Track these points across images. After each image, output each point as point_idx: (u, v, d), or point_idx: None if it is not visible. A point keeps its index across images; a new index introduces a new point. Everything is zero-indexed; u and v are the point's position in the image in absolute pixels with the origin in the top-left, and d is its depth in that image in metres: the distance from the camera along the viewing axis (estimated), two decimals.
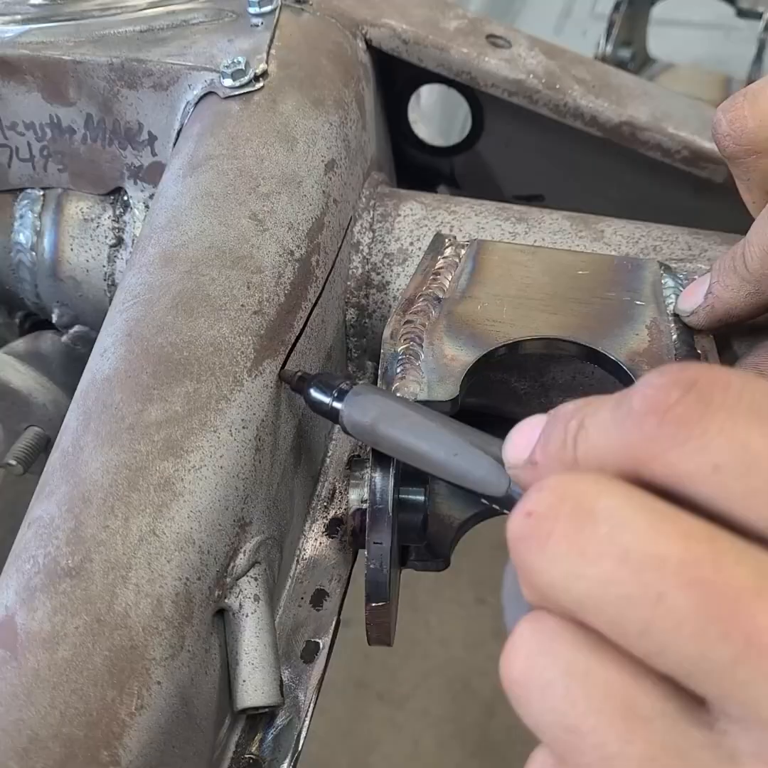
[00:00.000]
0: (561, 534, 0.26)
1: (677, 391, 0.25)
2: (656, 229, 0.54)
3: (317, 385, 0.43)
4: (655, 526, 0.25)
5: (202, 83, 0.53)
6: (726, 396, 0.25)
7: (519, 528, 0.27)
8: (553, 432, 0.29)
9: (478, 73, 0.58)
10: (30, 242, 0.59)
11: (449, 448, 0.37)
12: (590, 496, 0.26)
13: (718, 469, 0.25)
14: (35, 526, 0.39)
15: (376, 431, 0.40)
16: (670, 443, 0.25)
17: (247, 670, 0.41)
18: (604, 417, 0.27)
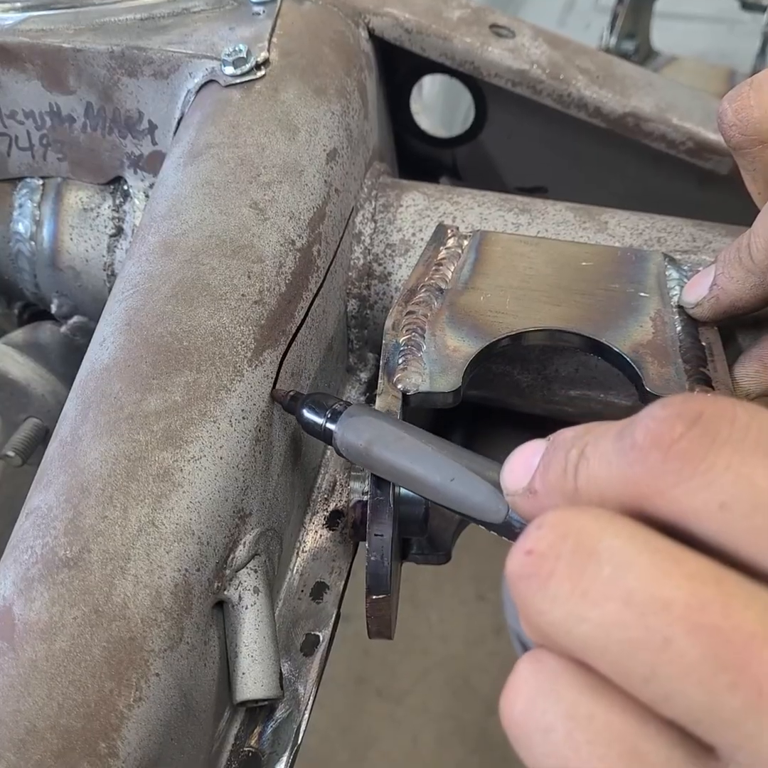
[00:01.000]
0: (563, 574, 0.25)
1: (682, 424, 0.25)
2: (660, 220, 0.53)
3: (310, 406, 0.42)
4: (660, 566, 0.24)
5: (203, 71, 0.52)
6: (732, 430, 0.24)
7: (519, 566, 0.26)
8: (553, 460, 0.29)
9: (481, 62, 0.58)
10: (29, 232, 0.59)
11: (445, 473, 0.36)
12: (592, 534, 0.25)
13: (724, 507, 0.24)
14: (33, 516, 0.39)
15: (370, 454, 0.39)
16: (675, 479, 0.24)
17: (246, 662, 0.41)
18: (605, 447, 0.27)
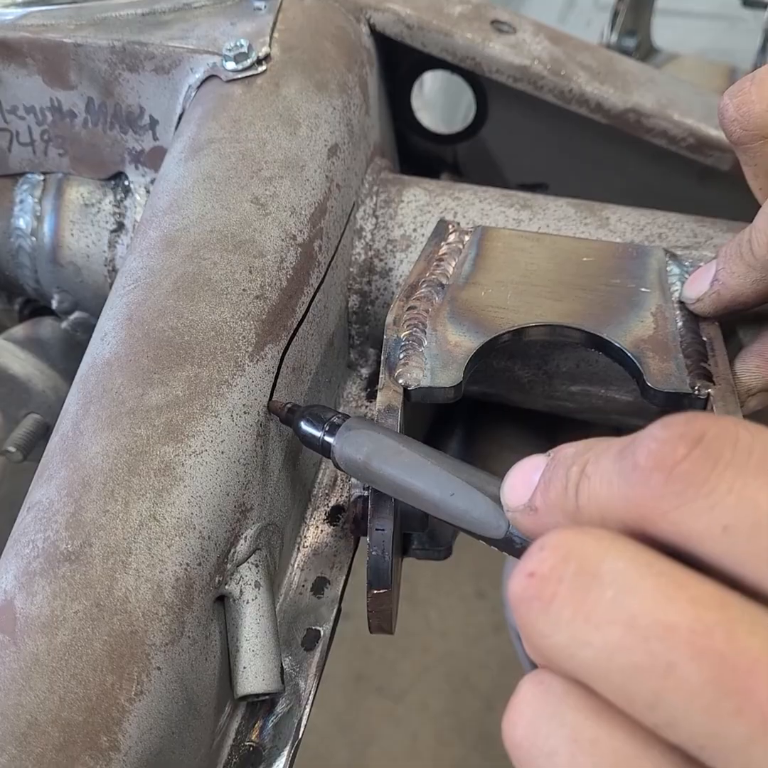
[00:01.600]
0: (565, 597, 0.25)
1: (684, 446, 0.24)
2: (661, 216, 0.53)
3: (307, 418, 0.41)
4: (663, 590, 0.24)
5: (204, 66, 0.52)
6: (735, 452, 0.24)
7: (521, 589, 0.26)
8: (554, 477, 0.29)
9: (482, 58, 0.58)
10: (30, 227, 0.59)
11: (445, 488, 0.36)
12: (594, 556, 0.25)
13: (727, 530, 0.24)
14: (34, 511, 0.39)
15: (369, 468, 0.38)
16: (678, 501, 0.24)
17: (247, 656, 0.41)
18: (607, 467, 0.27)
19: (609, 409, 0.54)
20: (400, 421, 0.41)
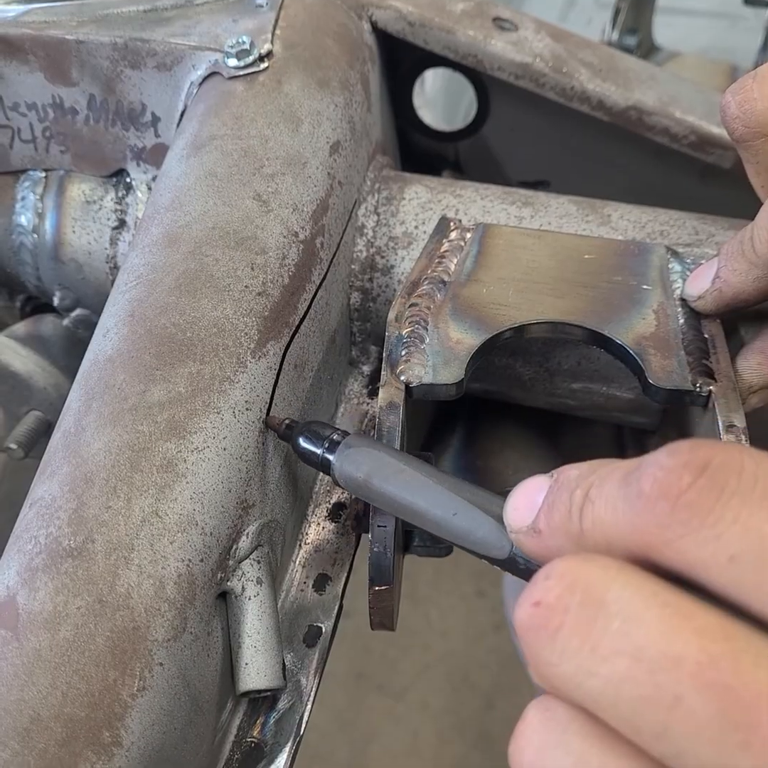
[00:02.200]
0: (571, 627, 0.25)
1: (689, 474, 0.25)
2: (663, 213, 0.53)
3: (306, 435, 0.41)
4: (669, 622, 0.24)
5: (206, 63, 0.52)
6: (740, 481, 0.24)
7: (527, 618, 0.26)
8: (558, 500, 0.29)
9: (484, 56, 0.58)
10: (31, 224, 0.59)
11: (448, 507, 0.36)
12: (600, 586, 0.25)
13: (733, 560, 0.24)
14: (37, 507, 0.39)
15: (369, 486, 0.38)
16: (683, 530, 0.24)
17: (249, 653, 0.41)
18: (611, 492, 0.27)
19: (610, 407, 0.54)
20: (402, 418, 0.42)
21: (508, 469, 0.57)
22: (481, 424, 0.60)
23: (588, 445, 0.59)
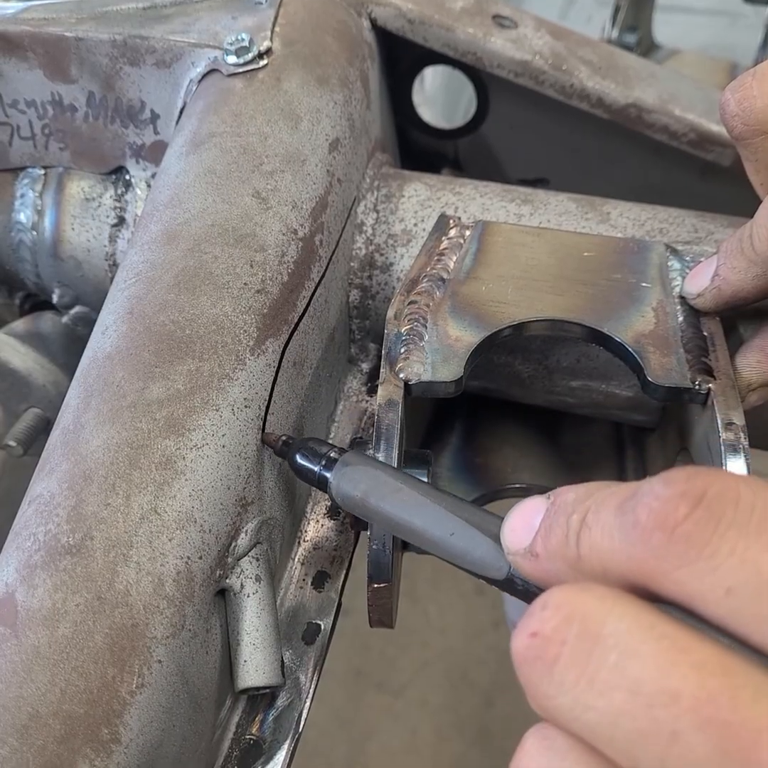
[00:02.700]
0: (568, 660, 0.25)
1: (685, 505, 0.25)
2: (662, 211, 0.53)
3: (303, 453, 0.41)
4: (666, 655, 0.24)
5: (205, 61, 0.52)
6: (736, 511, 0.24)
7: (524, 649, 0.26)
8: (554, 524, 0.29)
9: (483, 53, 0.58)
10: (31, 221, 0.59)
11: (445, 527, 0.36)
12: (596, 618, 0.25)
13: (731, 593, 0.24)
14: (36, 504, 0.39)
15: (366, 505, 0.38)
16: (680, 561, 0.24)
17: (248, 650, 0.41)
18: (608, 519, 0.27)
19: (609, 405, 0.54)
20: (401, 415, 0.42)
21: (507, 467, 0.57)
22: (480, 422, 0.60)
23: (587, 442, 0.59)
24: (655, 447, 0.55)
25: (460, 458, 0.57)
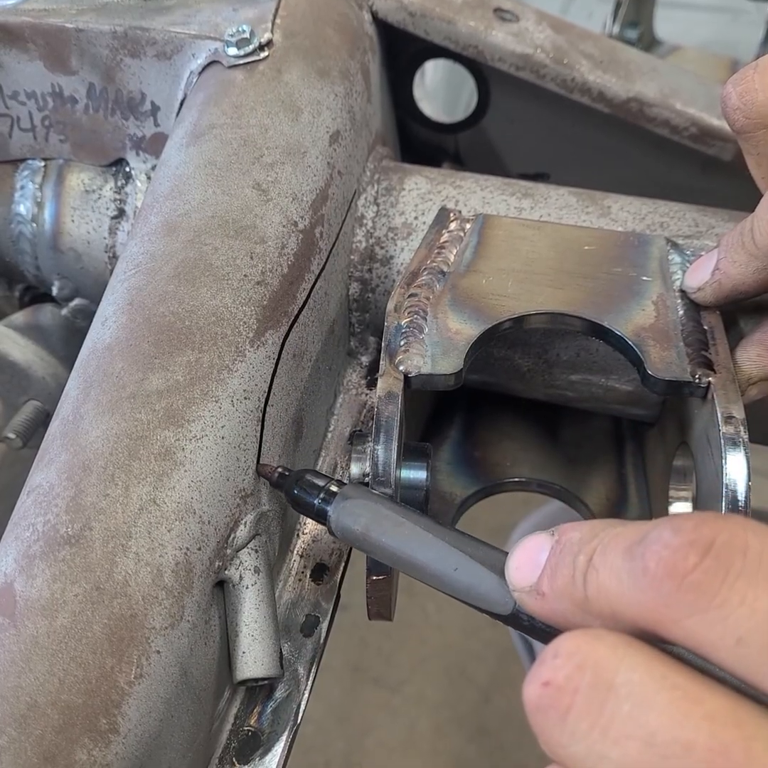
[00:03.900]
0: (581, 709, 0.25)
1: (694, 554, 0.25)
2: (663, 205, 0.53)
3: (301, 485, 0.41)
4: (679, 706, 0.24)
5: (206, 52, 0.52)
6: (745, 561, 0.25)
7: (537, 698, 0.26)
8: (560, 564, 0.29)
9: (485, 46, 0.58)
10: (30, 213, 0.59)
11: (448, 562, 0.35)
12: (609, 667, 0.25)
13: (741, 642, 0.24)
14: (35, 494, 0.39)
15: (367, 540, 0.38)
16: (690, 610, 0.25)
17: (246, 641, 0.41)
18: (615, 562, 0.27)
19: (609, 399, 0.54)
20: (400, 408, 0.41)
21: (506, 461, 0.57)
22: (480, 416, 0.60)
23: (586, 437, 0.59)
24: (655, 441, 0.55)
25: (460, 452, 0.57)
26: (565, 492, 0.56)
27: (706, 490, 0.43)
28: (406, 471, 0.45)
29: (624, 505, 0.55)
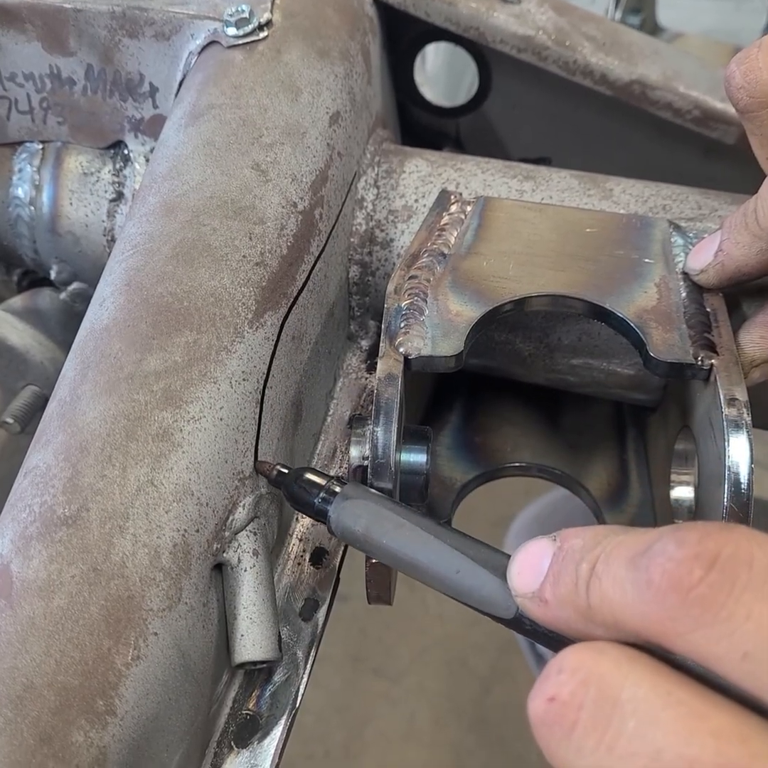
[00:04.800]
0: (586, 726, 0.25)
1: (699, 568, 0.25)
2: (666, 188, 0.53)
3: (300, 484, 0.40)
4: (685, 723, 0.24)
5: (205, 32, 0.52)
6: (750, 574, 0.24)
7: (542, 713, 0.26)
8: (563, 572, 0.29)
9: (486, 28, 0.57)
10: (28, 196, 0.58)
11: (450, 565, 0.35)
12: (614, 682, 0.25)
13: (747, 657, 0.24)
14: (31, 475, 0.39)
15: (368, 541, 0.37)
16: (695, 624, 0.25)
17: (245, 624, 0.41)
18: (618, 572, 0.27)
19: (610, 383, 0.54)
20: (400, 390, 0.41)
21: (506, 446, 0.56)
22: (480, 402, 0.59)
23: (587, 422, 0.58)
24: (656, 426, 0.54)
25: (460, 437, 0.57)
26: (566, 477, 0.55)
27: (709, 474, 0.42)
28: (406, 454, 0.45)
29: (625, 490, 0.54)
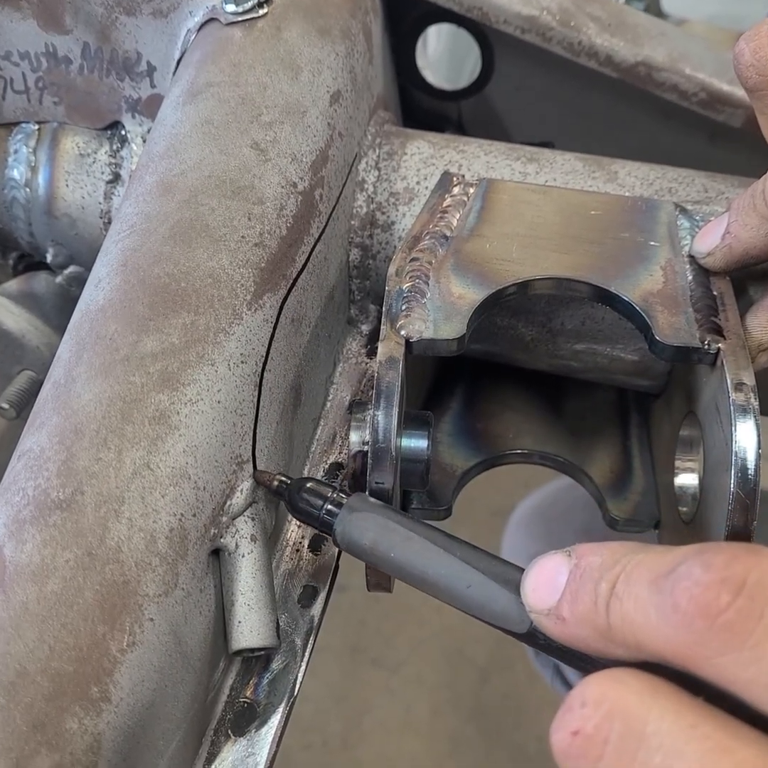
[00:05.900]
0: (613, 760, 0.25)
1: (727, 593, 0.25)
2: (672, 171, 0.52)
3: (303, 495, 0.39)
4: (711, 757, 0.24)
5: (203, 9, 0.51)
6: None
7: (566, 747, 0.26)
8: (581, 590, 0.29)
9: (489, 8, 0.56)
10: (24, 178, 0.58)
11: (461, 579, 0.34)
12: (638, 715, 0.25)
13: None
14: (25, 458, 0.38)
15: (375, 554, 0.36)
16: (723, 650, 0.24)
17: (242, 611, 0.40)
18: (641, 594, 0.27)
19: (614, 369, 0.53)
20: (401, 374, 0.40)
21: (508, 433, 0.56)
22: (482, 388, 0.58)
23: (590, 409, 0.58)
24: (660, 413, 0.53)
25: (461, 423, 0.56)
26: (569, 464, 0.55)
27: (715, 460, 0.42)
28: (407, 440, 0.44)
29: (628, 478, 0.54)
